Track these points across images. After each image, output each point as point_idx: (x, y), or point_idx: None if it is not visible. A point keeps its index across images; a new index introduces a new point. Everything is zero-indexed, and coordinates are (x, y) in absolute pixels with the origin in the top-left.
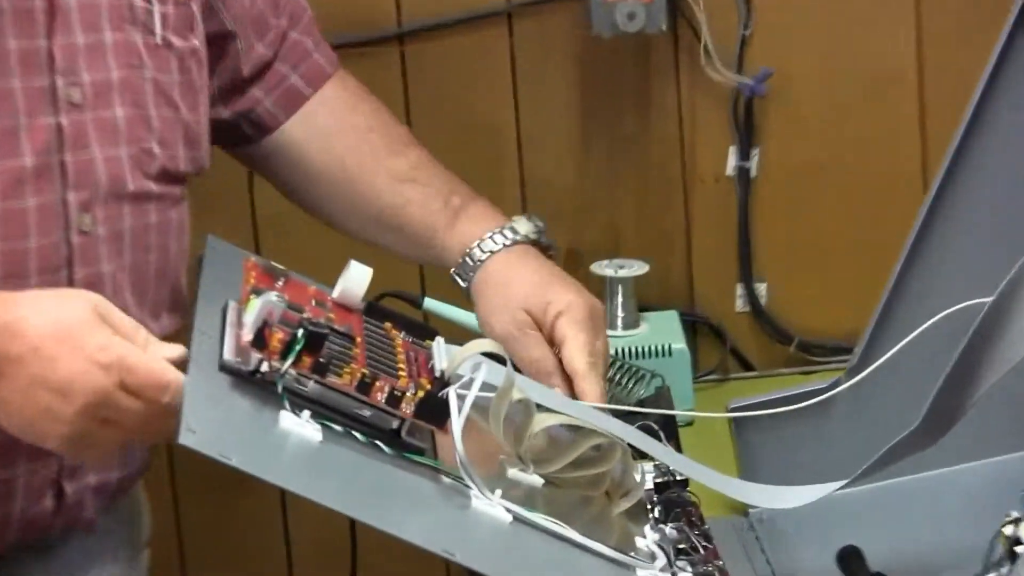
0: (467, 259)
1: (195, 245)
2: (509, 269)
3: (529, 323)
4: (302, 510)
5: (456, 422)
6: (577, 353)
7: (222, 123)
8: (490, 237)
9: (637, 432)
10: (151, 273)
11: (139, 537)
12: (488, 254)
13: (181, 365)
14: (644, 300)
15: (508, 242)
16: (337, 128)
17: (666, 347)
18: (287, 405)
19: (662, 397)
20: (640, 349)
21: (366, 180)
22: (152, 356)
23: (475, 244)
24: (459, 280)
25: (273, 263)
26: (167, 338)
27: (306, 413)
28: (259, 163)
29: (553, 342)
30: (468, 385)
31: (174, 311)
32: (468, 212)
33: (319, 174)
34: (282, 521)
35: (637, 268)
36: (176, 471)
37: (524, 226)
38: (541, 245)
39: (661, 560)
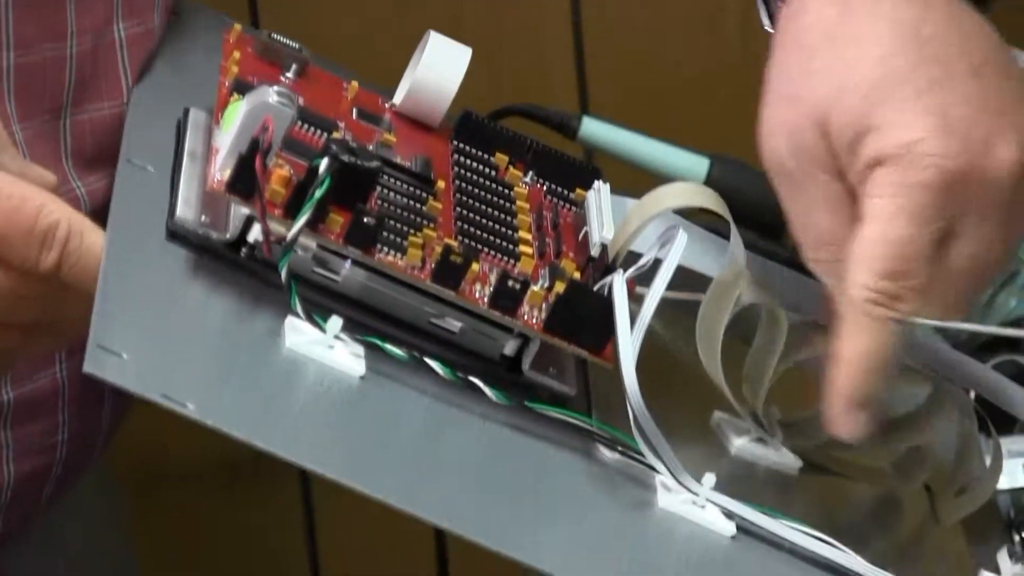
0: None
1: None
2: (856, 5)
3: (820, 155)
4: (338, 508)
5: (627, 342)
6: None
7: None
8: None
9: (994, 376)
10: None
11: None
12: None
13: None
14: None
15: None
16: None
17: None
18: (297, 306)
19: None
20: None
21: None
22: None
23: None
24: (763, 13)
25: (279, 37)
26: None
27: (335, 322)
28: None
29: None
30: (652, 274)
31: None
32: None
33: None
34: (305, 527)
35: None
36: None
37: None
38: None
39: None
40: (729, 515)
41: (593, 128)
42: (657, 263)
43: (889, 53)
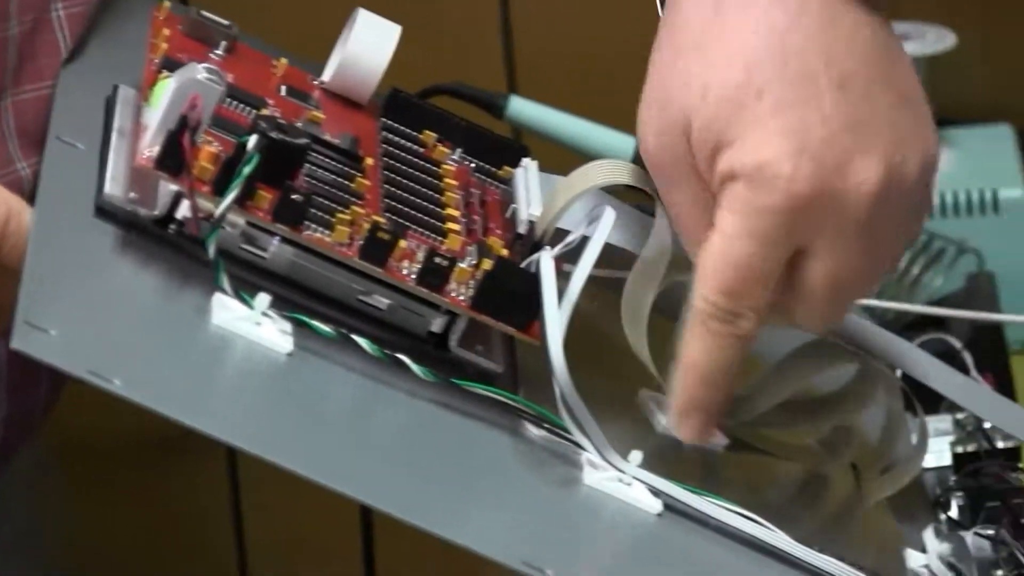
0: None
1: None
2: (731, 6)
3: (686, 160)
4: (264, 484)
5: (554, 320)
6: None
7: None
8: None
9: (921, 355)
10: None
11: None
12: None
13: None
14: (948, 105)
15: None
16: None
17: (988, 196)
18: (225, 283)
19: (978, 292)
20: (938, 200)
21: None
22: None
23: None
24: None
25: (208, 15)
26: None
27: (263, 299)
28: None
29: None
30: (579, 251)
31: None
32: None
33: None
34: (232, 508)
35: (934, 41)
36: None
37: None
38: None
39: None
40: (655, 493)
41: (521, 107)
42: (584, 240)
43: (752, 62)
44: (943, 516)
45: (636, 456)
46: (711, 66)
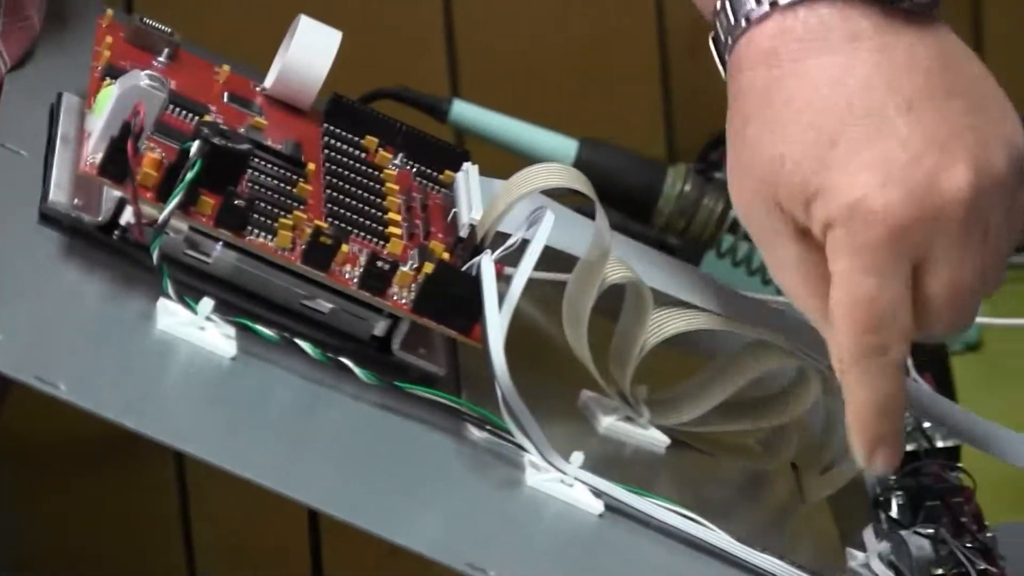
0: (727, 9)
1: None
2: (784, 69)
3: (775, 224)
4: (212, 486)
5: (495, 322)
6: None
7: None
8: None
9: None
10: None
11: None
12: (763, 9)
13: None
14: None
15: None
16: None
17: None
18: (169, 288)
19: None
20: None
21: None
22: None
23: None
24: (716, 59)
25: (152, 23)
26: None
27: (206, 304)
28: None
29: None
30: (520, 254)
31: None
32: None
33: None
34: (180, 512)
35: None
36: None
37: None
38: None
39: None
40: (597, 493)
41: (463, 111)
42: (525, 243)
43: (819, 115)
44: (883, 515)
45: (578, 457)
46: (779, 135)
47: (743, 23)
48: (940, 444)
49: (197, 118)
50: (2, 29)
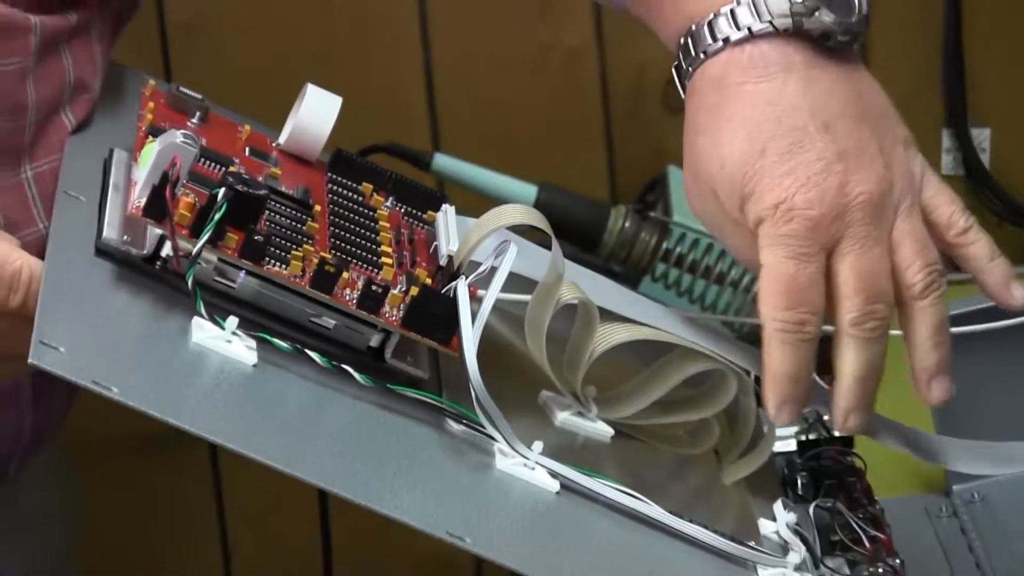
0: (689, 44)
1: None
2: (730, 91)
3: (721, 214)
4: (241, 472)
5: (468, 335)
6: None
7: None
8: (727, 14)
9: None
10: None
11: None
12: (717, 45)
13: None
14: None
15: (757, 26)
16: None
17: None
18: (201, 309)
19: None
20: None
21: None
22: None
23: (704, 20)
24: (677, 82)
25: (186, 90)
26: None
27: (232, 321)
28: None
29: None
30: (489, 279)
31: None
32: None
33: None
34: (214, 493)
35: None
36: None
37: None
38: (827, 35)
39: (797, 555)
40: (554, 475)
41: (443, 162)
42: (493, 270)
43: (754, 128)
44: (790, 492)
45: (538, 445)
46: (722, 139)
47: (701, 56)
48: (837, 433)
49: (224, 168)
50: (71, 104)
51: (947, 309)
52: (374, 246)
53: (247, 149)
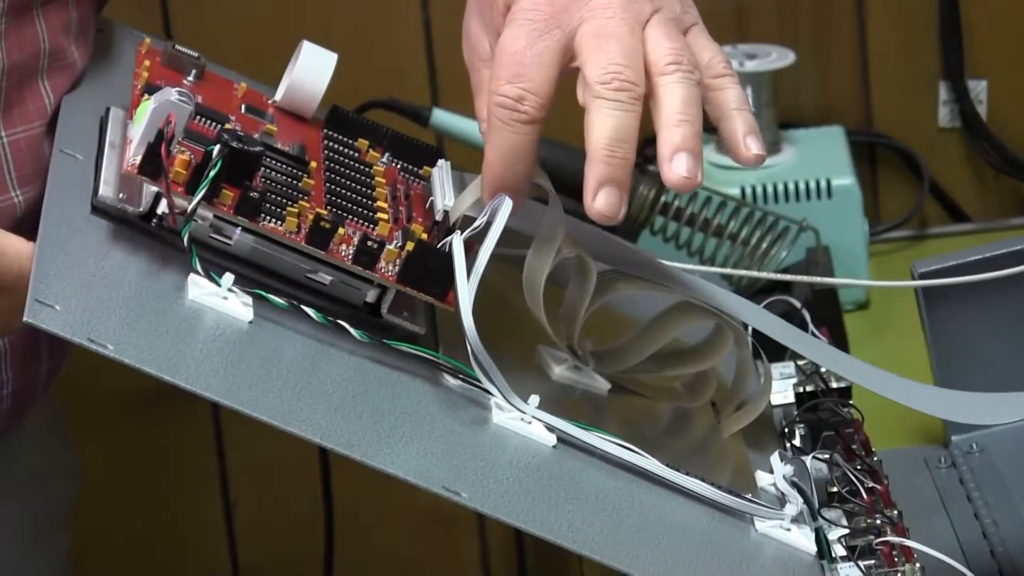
0: None
1: None
2: None
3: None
4: (242, 429)
5: (464, 290)
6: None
7: None
8: None
9: (767, 314)
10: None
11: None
12: None
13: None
14: (789, 111)
15: None
16: None
17: (824, 184)
18: (197, 266)
19: (815, 262)
20: (782, 188)
21: None
22: None
23: None
24: None
25: (182, 48)
26: None
27: (228, 278)
28: None
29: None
30: (484, 234)
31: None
32: None
33: None
34: (216, 448)
35: (777, 59)
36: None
37: None
38: None
39: (794, 507)
40: (551, 429)
41: (441, 117)
42: (488, 225)
43: None
44: (787, 444)
45: (534, 399)
46: None
47: None
48: (834, 385)
49: (219, 126)
50: (47, 68)
51: (696, 92)
52: (370, 202)
53: (243, 106)
